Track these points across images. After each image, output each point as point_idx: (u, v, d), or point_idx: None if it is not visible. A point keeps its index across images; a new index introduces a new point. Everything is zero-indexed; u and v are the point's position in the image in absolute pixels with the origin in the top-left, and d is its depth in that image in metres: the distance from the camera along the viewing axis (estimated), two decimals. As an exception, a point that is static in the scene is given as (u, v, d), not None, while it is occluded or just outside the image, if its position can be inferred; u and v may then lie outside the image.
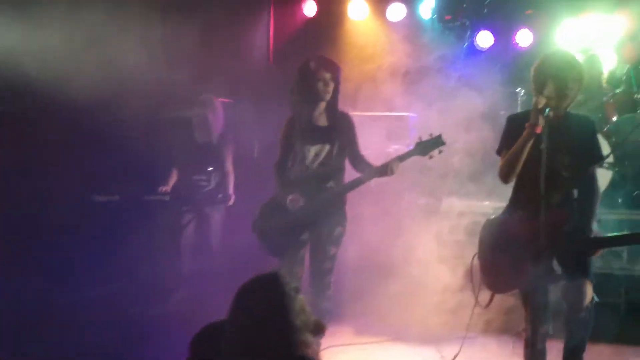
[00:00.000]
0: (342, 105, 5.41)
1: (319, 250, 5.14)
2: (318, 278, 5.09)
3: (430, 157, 5.09)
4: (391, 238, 6.40)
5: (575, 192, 4.34)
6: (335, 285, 5.24)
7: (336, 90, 5.19)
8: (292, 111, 5.32)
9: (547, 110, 4.08)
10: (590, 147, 4.38)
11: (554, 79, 4.21)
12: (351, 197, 5.39)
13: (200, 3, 8.03)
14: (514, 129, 4.32)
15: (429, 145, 5.05)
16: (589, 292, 4.20)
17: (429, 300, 5.91)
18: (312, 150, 5.16)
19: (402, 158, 5.06)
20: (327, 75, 5.08)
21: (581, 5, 8.42)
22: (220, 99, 8.00)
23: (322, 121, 5.23)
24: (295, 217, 5.09)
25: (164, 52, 7.70)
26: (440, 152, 5.08)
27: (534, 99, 4.19)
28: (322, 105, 5.20)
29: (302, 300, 2.71)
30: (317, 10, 9.31)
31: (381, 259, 6.34)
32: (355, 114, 7.69)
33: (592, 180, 4.39)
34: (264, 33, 9.36)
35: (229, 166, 7.10)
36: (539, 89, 4.25)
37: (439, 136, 5.06)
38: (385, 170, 5.02)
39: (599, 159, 4.48)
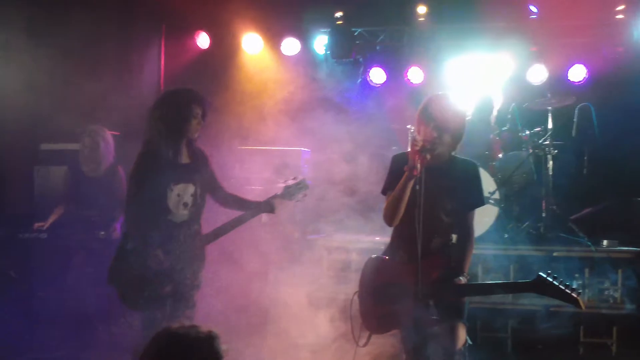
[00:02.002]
0: (232, 138, 5.19)
1: (183, 297, 4.69)
2: None
3: (297, 201, 5.00)
4: (266, 280, 6.17)
5: (454, 237, 4.35)
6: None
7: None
8: (149, 143, 4.74)
9: (423, 152, 4.02)
10: (472, 191, 4.39)
11: (432, 123, 4.19)
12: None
13: (88, 33, 7.76)
14: (398, 169, 4.24)
15: (295, 190, 4.95)
16: (462, 336, 4.18)
17: (309, 349, 5.60)
18: (175, 189, 4.68)
19: (270, 202, 4.88)
20: (200, 112, 4.73)
21: (463, 45, 8.68)
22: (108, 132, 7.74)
23: (185, 158, 4.81)
24: (158, 272, 4.59)
25: (48, 83, 7.35)
26: (304, 195, 5.00)
27: (411, 141, 4.14)
28: (185, 141, 4.80)
29: None
30: (210, 43, 9.20)
31: (253, 303, 6.05)
32: (246, 148, 7.71)
33: (470, 225, 4.40)
34: (155, 65, 9.15)
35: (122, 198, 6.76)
36: (418, 131, 4.26)
37: (303, 180, 4.99)
38: (269, 207, 4.87)
39: (479, 204, 4.46)
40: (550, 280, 3.80)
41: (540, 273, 3.85)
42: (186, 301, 4.72)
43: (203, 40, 9.20)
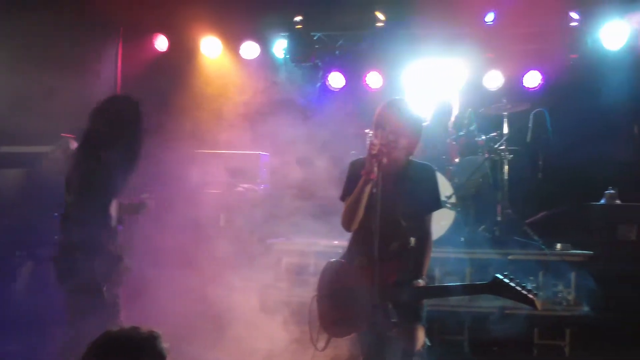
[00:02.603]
0: (190, 142, 5.13)
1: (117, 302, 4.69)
2: None
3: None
4: (222, 284, 6.07)
5: (412, 240, 4.37)
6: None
7: None
8: (121, 145, 4.45)
9: (380, 156, 4.01)
10: (429, 195, 4.42)
11: (389, 127, 4.17)
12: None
13: (44, 35, 7.62)
14: (356, 174, 4.25)
15: (135, 207, 5.00)
16: (421, 337, 4.21)
17: (266, 353, 5.56)
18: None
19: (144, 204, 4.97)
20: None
21: (421, 50, 8.77)
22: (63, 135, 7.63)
23: None
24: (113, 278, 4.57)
25: (2, 85, 7.19)
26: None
27: (369, 145, 4.13)
28: None
29: None
30: (168, 46, 9.14)
31: (210, 307, 5.95)
32: (204, 152, 7.66)
33: (428, 228, 4.44)
34: (112, 67, 9.03)
35: None
36: (376, 136, 4.26)
37: (145, 199, 5.07)
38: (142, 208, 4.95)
39: (436, 207, 4.50)
40: (507, 281, 3.84)
41: (497, 275, 3.89)
42: (118, 305, 4.64)
43: (161, 43, 9.13)
